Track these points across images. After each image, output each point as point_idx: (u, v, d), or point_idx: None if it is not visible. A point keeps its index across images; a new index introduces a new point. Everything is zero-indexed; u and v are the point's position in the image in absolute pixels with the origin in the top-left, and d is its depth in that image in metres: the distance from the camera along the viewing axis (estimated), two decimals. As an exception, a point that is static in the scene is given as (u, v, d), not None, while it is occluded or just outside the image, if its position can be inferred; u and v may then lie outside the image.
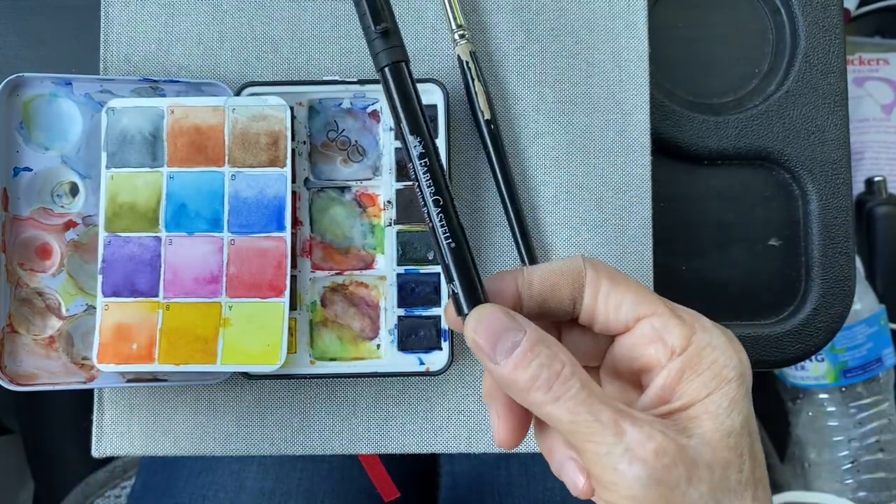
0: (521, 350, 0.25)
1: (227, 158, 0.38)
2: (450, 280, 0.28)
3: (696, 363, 0.25)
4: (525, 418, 0.28)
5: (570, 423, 0.25)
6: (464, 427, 0.40)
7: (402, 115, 0.29)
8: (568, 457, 0.27)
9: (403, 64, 0.29)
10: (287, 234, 0.38)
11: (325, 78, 0.40)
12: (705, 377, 0.25)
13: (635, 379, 0.28)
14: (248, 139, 0.38)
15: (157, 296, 0.37)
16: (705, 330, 0.26)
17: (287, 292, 0.37)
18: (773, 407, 0.78)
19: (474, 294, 0.28)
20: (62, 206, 0.39)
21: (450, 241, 0.28)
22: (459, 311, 0.28)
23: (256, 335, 0.37)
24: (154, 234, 0.38)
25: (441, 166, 0.29)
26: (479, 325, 0.26)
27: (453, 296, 0.28)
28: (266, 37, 0.40)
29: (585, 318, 0.28)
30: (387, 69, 0.29)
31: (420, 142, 0.28)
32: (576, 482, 0.27)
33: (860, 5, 0.77)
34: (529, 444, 0.40)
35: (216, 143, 0.38)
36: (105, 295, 0.37)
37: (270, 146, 0.38)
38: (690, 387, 0.25)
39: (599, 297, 0.27)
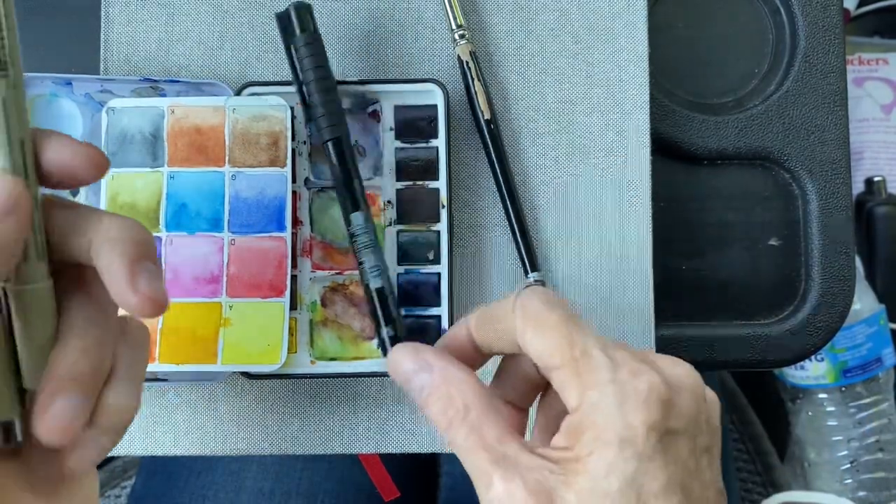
0: (425, 395, 0.28)
1: (227, 158, 0.38)
2: (379, 325, 0.35)
3: (582, 421, 0.25)
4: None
5: (463, 462, 0.27)
6: (464, 427, 0.40)
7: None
8: None
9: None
10: (287, 234, 0.38)
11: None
12: (587, 437, 0.25)
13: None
14: (248, 139, 0.38)
15: (157, 296, 0.37)
16: (598, 388, 0.25)
17: (287, 292, 0.37)
18: (772, 407, 0.78)
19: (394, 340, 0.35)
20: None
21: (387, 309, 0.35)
22: (385, 354, 0.34)
23: (257, 335, 0.37)
24: (154, 234, 0.38)
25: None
26: (393, 367, 0.30)
27: (381, 340, 0.35)
28: (266, 37, 0.40)
29: (525, 361, 0.29)
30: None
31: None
32: None
33: (860, 5, 0.77)
34: (529, 444, 0.40)
35: (216, 143, 0.38)
36: (105, 295, 0.37)
37: (271, 146, 0.38)
38: (580, 442, 0.25)
39: (527, 344, 0.27)
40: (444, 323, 0.38)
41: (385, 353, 0.36)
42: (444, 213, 0.39)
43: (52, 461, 0.26)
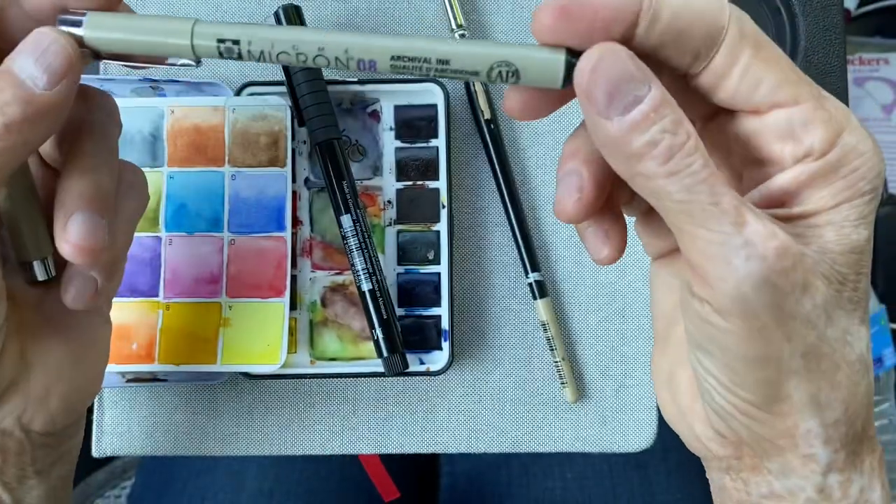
0: (643, 109, 0.20)
1: (227, 158, 0.38)
2: (372, 326, 0.36)
3: (833, 169, 0.21)
4: (603, 191, 0.24)
5: (681, 202, 0.20)
6: (464, 427, 0.40)
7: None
8: (589, 225, 0.25)
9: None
10: (287, 234, 0.37)
11: (325, 78, 0.39)
12: (838, 185, 0.21)
13: (737, 166, 0.24)
14: (248, 139, 0.38)
15: (157, 296, 0.37)
16: (853, 131, 0.21)
17: (287, 292, 0.37)
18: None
19: (395, 344, 0.36)
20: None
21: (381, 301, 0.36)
22: (380, 355, 0.35)
23: (257, 335, 0.37)
24: (154, 234, 0.38)
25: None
26: (598, 68, 0.20)
27: (375, 341, 0.36)
28: (266, 36, 0.40)
29: (706, 82, 0.22)
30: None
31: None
32: (594, 252, 0.25)
33: (860, 5, 0.77)
34: (531, 444, 0.40)
35: (216, 143, 0.38)
36: (105, 295, 0.37)
37: (271, 146, 0.38)
38: (818, 194, 0.21)
39: (737, 66, 0.21)
40: (445, 323, 0.38)
41: (379, 354, 0.36)
42: (444, 213, 0.39)
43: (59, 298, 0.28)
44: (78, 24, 0.24)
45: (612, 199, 0.25)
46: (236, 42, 0.23)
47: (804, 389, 0.22)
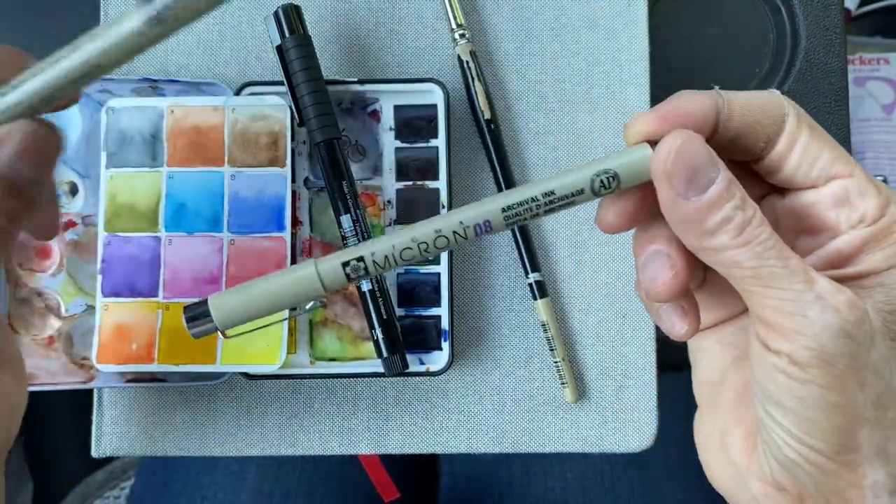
0: (717, 189, 0.22)
1: (226, 158, 0.38)
2: (371, 326, 0.36)
3: (885, 234, 0.23)
4: (693, 268, 0.25)
5: (754, 268, 0.22)
6: (464, 427, 0.40)
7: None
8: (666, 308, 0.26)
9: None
10: (287, 234, 0.37)
11: (324, 78, 0.39)
12: (889, 251, 0.23)
13: (791, 237, 0.25)
14: (247, 139, 0.38)
15: (156, 296, 0.37)
16: None
17: (287, 292, 0.37)
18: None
19: (395, 344, 0.36)
20: (61, 206, 0.39)
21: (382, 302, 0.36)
22: (380, 355, 0.35)
23: (256, 335, 0.37)
24: (154, 234, 0.38)
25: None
26: (679, 154, 0.23)
27: (375, 342, 0.36)
28: (266, 36, 0.40)
29: (770, 165, 0.24)
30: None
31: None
32: (672, 328, 0.26)
33: (861, 5, 0.77)
34: (531, 444, 0.40)
35: (216, 143, 0.38)
36: (104, 295, 0.37)
37: (270, 146, 0.38)
38: (871, 258, 0.23)
39: (797, 146, 0.24)
40: (444, 323, 0.38)
41: (379, 354, 0.36)
42: (444, 213, 0.39)
43: None
44: (206, 314, 0.24)
45: None
46: (360, 259, 0.24)
47: (874, 438, 0.23)
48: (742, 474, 0.26)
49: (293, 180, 0.38)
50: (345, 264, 0.24)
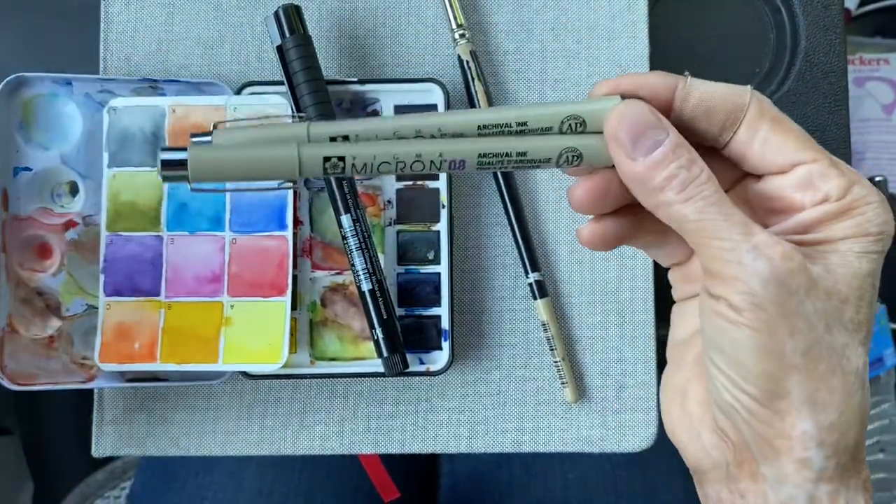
0: (663, 150, 0.25)
1: (227, 158, 0.38)
2: (372, 326, 0.36)
3: (844, 211, 0.25)
4: (620, 219, 0.29)
5: (696, 221, 0.25)
6: (464, 427, 0.40)
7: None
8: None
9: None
10: (289, 233, 0.37)
11: (324, 77, 0.39)
12: (847, 224, 0.25)
13: (763, 217, 0.28)
14: (248, 138, 0.38)
15: (158, 295, 0.37)
16: (863, 185, 0.26)
17: (289, 291, 0.37)
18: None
19: (395, 344, 0.36)
20: (62, 206, 0.39)
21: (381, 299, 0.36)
22: (380, 355, 0.35)
23: (258, 334, 0.37)
24: (156, 234, 0.38)
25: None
26: (623, 118, 0.26)
27: (375, 341, 0.36)
28: (266, 36, 0.40)
29: (733, 153, 0.27)
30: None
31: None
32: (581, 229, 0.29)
33: (861, 5, 0.77)
34: (531, 444, 0.40)
35: (217, 142, 0.38)
36: (107, 294, 0.37)
37: (271, 145, 0.38)
38: (829, 227, 0.25)
39: (757, 138, 0.26)
40: (445, 323, 0.38)
41: (380, 354, 0.36)
42: (444, 213, 0.39)
43: None
44: (183, 164, 0.24)
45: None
46: (341, 159, 0.24)
47: (802, 387, 0.24)
48: (695, 425, 0.27)
49: (294, 180, 0.38)
50: (326, 158, 0.24)
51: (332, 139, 0.25)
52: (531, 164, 0.26)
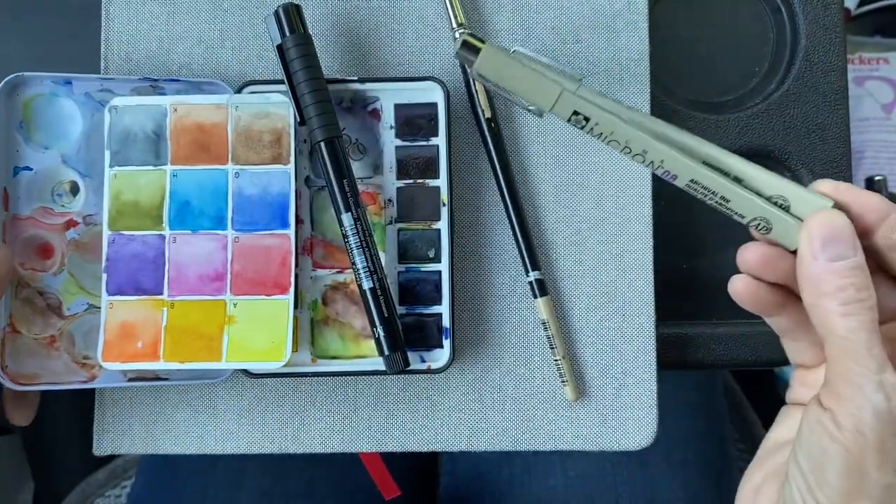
0: (845, 264, 0.27)
1: (230, 156, 0.38)
2: (373, 324, 0.36)
3: None
4: (778, 299, 0.31)
5: (843, 336, 0.26)
6: (465, 425, 0.40)
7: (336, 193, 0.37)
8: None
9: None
10: (291, 231, 0.38)
11: (325, 76, 0.40)
12: None
13: None
14: (251, 136, 0.38)
15: (161, 294, 0.38)
16: None
17: (292, 289, 0.37)
18: (772, 407, 0.78)
19: (396, 342, 0.36)
20: (63, 206, 0.39)
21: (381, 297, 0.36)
22: (381, 353, 0.35)
23: (261, 332, 0.37)
24: (158, 233, 0.38)
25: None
26: (825, 223, 0.28)
27: (376, 339, 0.36)
28: (266, 35, 0.40)
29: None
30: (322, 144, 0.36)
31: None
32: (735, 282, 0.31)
33: (860, 4, 0.77)
34: (531, 442, 0.40)
35: (219, 141, 0.38)
36: (109, 293, 0.37)
37: (274, 143, 0.38)
38: None
39: None
40: (445, 321, 0.38)
41: (381, 352, 0.36)
42: (444, 211, 0.39)
43: None
44: (476, 51, 0.30)
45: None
46: (586, 119, 0.29)
47: None
48: None
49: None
50: (575, 112, 0.29)
51: (575, 112, 0.30)
52: (727, 210, 0.29)
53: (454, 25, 0.40)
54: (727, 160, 0.29)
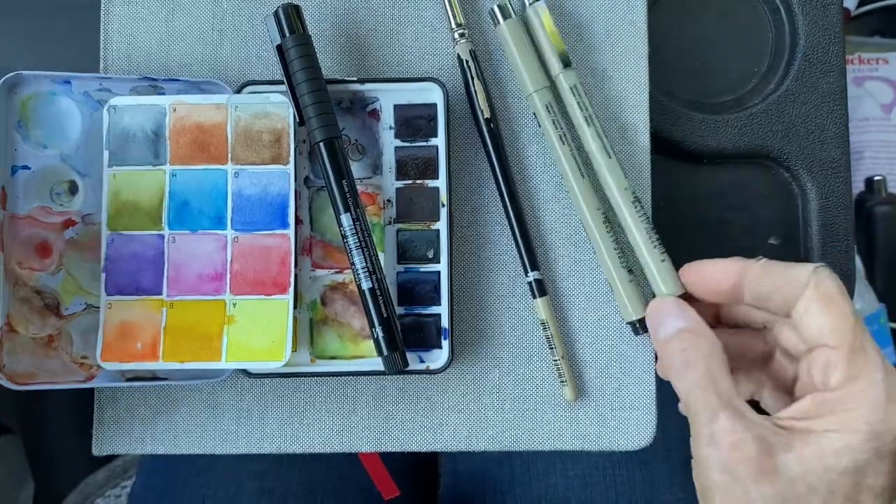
0: (666, 334, 0.32)
1: (229, 156, 0.38)
2: (372, 325, 0.36)
3: (838, 402, 0.27)
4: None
5: (684, 397, 0.30)
6: (464, 425, 0.40)
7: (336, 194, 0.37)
8: None
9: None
10: (291, 231, 0.38)
11: (325, 77, 0.40)
12: (837, 417, 0.27)
13: (795, 386, 0.32)
14: (250, 136, 0.38)
15: (160, 294, 0.37)
16: (869, 380, 0.27)
17: (291, 289, 0.37)
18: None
19: (395, 342, 0.36)
20: (61, 205, 0.39)
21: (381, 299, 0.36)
22: (380, 353, 0.36)
23: (261, 332, 0.37)
24: (157, 232, 0.38)
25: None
26: (652, 310, 0.35)
27: (375, 340, 0.36)
28: (266, 35, 0.40)
29: (794, 323, 0.30)
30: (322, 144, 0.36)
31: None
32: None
33: (860, 5, 0.77)
34: (531, 442, 0.40)
35: (219, 141, 0.38)
36: (108, 293, 0.37)
37: (273, 143, 0.38)
38: (823, 418, 0.27)
39: (806, 315, 0.29)
40: (444, 321, 0.38)
41: (380, 352, 0.36)
42: (443, 212, 0.39)
43: None
44: None
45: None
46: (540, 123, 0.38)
47: None
48: None
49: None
50: (548, 107, 0.38)
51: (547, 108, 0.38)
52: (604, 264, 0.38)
53: (453, 26, 0.40)
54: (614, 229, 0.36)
